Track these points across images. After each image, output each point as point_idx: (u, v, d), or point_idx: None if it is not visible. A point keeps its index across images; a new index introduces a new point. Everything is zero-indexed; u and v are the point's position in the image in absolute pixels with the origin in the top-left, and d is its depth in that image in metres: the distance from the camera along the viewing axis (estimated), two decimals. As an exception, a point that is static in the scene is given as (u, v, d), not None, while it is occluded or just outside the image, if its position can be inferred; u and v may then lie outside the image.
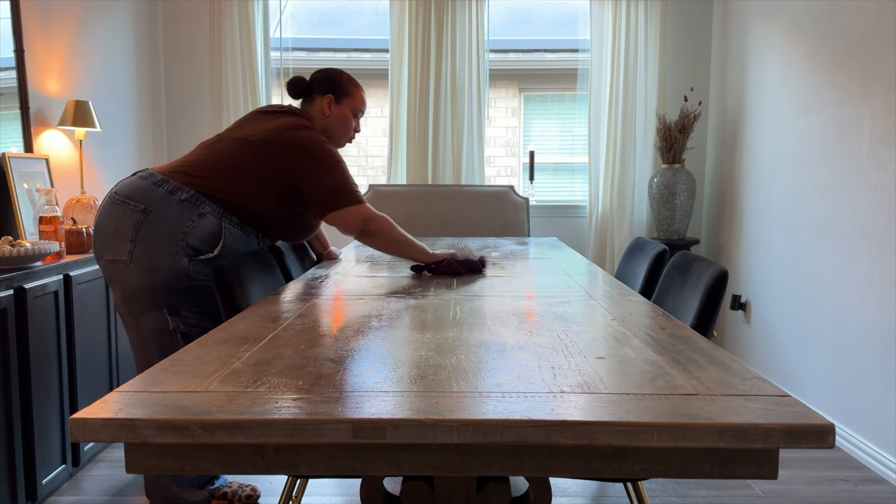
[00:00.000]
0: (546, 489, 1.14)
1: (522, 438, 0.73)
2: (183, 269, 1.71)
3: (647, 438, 0.73)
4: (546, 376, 0.92)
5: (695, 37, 3.90)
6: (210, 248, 1.74)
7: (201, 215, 1.73)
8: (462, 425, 0.74)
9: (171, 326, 1.75)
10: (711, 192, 3.91)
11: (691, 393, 0.84)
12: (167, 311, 1.74)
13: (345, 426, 0.73)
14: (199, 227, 1.72)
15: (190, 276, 1.73)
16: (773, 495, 2.18)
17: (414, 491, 1.02)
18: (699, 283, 1.57)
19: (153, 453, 0.77)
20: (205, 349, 1.05)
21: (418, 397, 0.82)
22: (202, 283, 1.75)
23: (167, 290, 1.72)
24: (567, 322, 1.28)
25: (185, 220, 1.72)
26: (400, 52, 3.78)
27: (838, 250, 2.62)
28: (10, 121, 2.50)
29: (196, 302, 1.75)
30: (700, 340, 1.13)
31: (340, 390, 0.85)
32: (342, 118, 2.01)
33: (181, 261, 1.71)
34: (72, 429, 0.73)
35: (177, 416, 0.74)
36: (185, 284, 1.73)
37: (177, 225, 1.71)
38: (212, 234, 1.74)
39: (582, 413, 0.77)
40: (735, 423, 0.73)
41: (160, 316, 1.74)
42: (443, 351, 1.05)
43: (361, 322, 1.27)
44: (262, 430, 0.73)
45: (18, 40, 2.53)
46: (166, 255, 1.70)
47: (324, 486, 2.25)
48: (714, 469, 0.77)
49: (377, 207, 3.68)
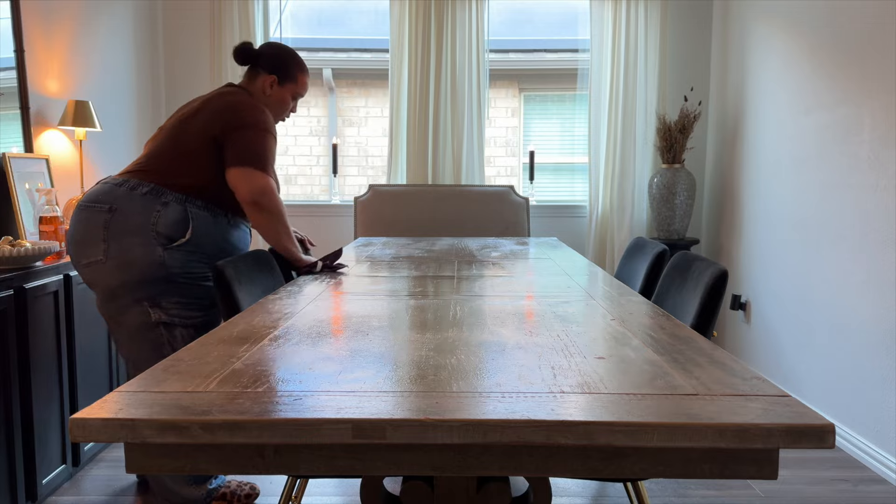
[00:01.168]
0: (546, 489, 1.14)
1: (522, 438, 0.73)
2: (158, 258, 1.74)
3: (648, 438, 0.73)
4: (546, 376, 0.92)
5: (695, 37, 3.90)
6: (181, 233, 1.77)
7: (165, 204, 1.76)
8: (462, 425, 0.74)
9: (153, 318, 1.77)
10: (711, 192, 3.91)
11: (691, 393, 0.84)
12: (148, 303, 1.76)
13: (345, 426, 0.73)
14: (165, 215, 1.76)
15: (166, 265, 1.75)
16: (772, 495, 2.18)
17: (414, 491, 1.02)
18: (699, 283, 1.57)
19: (153, 453, 0.77)
20: (205, 349, 1.05)
21: (418, 397, 0.82)
22: (179, 272, 1.77)
23: (145, 283, 1.74)
24: (567, 322, 1.28)
25: (150, 211, 1.75)
26: (400, 52, 3.78)
27: (838, 250, 2.62)
28: (10, 121, 2.50)
29: (176, 291, 1.78)
30: (700, 340, 1.13)
31: (341, 390, 0.85)
32: (281, 101, 2.05)
33: (156, 250, 1.74)
34: (72, 429, 0.73)
35: (177, 416, 0.74)
36: (161, 273, 1.75)
37: (144, 216, 1.74)
38: (179, 221, 1.77)
39: (582, 413, 0.77)
40: (735, 423, 0.73)
41: (141, 310, 1.76)
42: (443, 351, 1.05)
43: (361, 322, 1.27)
44: (262, 431, 0.73)
45: (18, 40, 2.52)
46: (139, 247, 1.73)
47: (324, 486, 2.25)
48: (714, 469, 0.77)
49: (377, 207, 3.67)
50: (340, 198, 4.13)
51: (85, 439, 0.72)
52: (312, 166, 4.27)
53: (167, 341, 1.80)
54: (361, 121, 4.25)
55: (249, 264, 1.72)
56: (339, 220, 3.97)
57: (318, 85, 4.21)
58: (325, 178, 4.28)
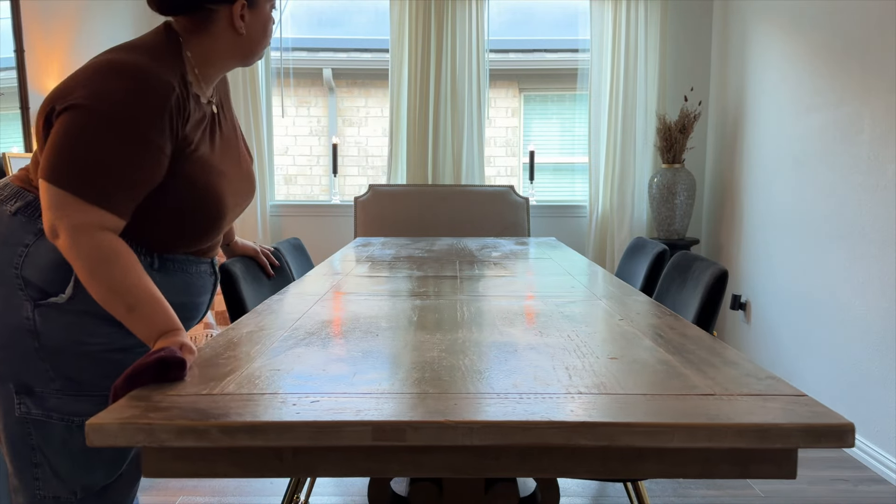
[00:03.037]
0: (554, 489, 1.14)
1: (543, 440, 0.73)
2: (25, 321, 1.09)
3: (668, 439, 0.73)
4: (561, 377, 0.92)
5: (695, 37, 3.90)
6: (58, 285, 1.09)
7: (39, 234, 1.10)
8: (482, 427, 0.73)
9: (18, 412, 1.12)
10: (711, 192, 3.92)
11: (708, 393, 0.84)
12: (13, 386, 1.12)
13: (365, 428, 0.73)
14: (36, 252, 1.09)
15: (38, 332, 1.09)
16: (773, 495, 2.19)
17: (422, 492, 1.02)
18: (699, 283, 1.57)
19: (170, 457, 0.77)
20: (215, 350, 1.04)
21: (435, 399, 0.82)
22: (64, 342, 1.10)
23: (6, 353, 1.11)
24: (575, 322, 1.28)
25: (16, 244, 1.10)
26: (400, 52, 3.77)
27: (838, 250, 2.62)
28: (10, 121, 2.49)
29: (57, 372, 1.11)
30: (710, 340, 1.13)
31: (357, 392, 0.84)
32: (263, 25, 1.24)
33: (21, 309, 1.09)
34: (88, 433, 0.73)
35: (196, 420, 0.73)
36: (32, 345, 1.09)
37: (5, 252, 1.10)
38: (56, 265, 1.09)
39: (601, 414, 0.76)
40: (755, 424, 0.73)
41: (4, 391, 1.13)
42: (455, 352, 1.05)
43: (370, 322, 1.26)
44: (281, 433, 0.73)
45: (18, 40, 2.51)
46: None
47: (324, 486, 2.25)
48: (733, 469, 0.77)
49: (377, 207, 3.66)
50: (340, 198, 4.12)
51: (102, 443, 0.72)
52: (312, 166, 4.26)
53: (37, 446, 1.13)
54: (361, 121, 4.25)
55: (256, 263, 1.71)
56: (339, 220, 3.96)
57: (319, 85, 4.20)
58: (325, 178, 4.28)
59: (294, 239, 2.34)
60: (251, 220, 3.82)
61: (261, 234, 3.85)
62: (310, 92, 4.18)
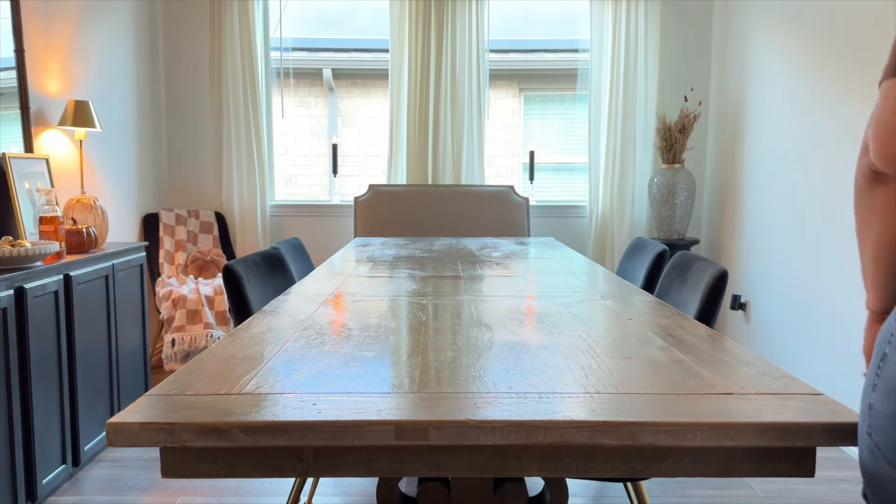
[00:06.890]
0: (563, 489, 1.14)
1: (566, 439, 0.73)
2: None
3: (691, 438, 0.73)
4: (578, 377, 0.92)
5: (695, 37, 3.91)
6: None
7: None
8: (505, 426, 0.73)
9: None
10: (711, 192, 3.93)
11: (727, 392, 0.84)
12: None
13: (387, 428, 0.73)
14: None
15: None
16: (773, 495, 2.19)
17: (431, 492, 1.02)
18: (699, 283, 1.57)
19: (190, 458, 0.76)
20: (228, 350, 1.04)
21: (455, 399, 0.81)
22: None
23: None
24: (584, 322, 1.28)
25: None
26: (400, 52, 3.77)
27: (838, 250, 2.63)
28: (10, 121, 2.47)
29: None
30: (722, 339, 1.13)
31: (376, 392, 0.84)
32: None
33: None
34: (109, 433, 0.72)
35: (217, 420, 0.73)
36: None
37: None
38: None
39: (623, 413, 0.76)
40: (777, 422, 0.73)
41: None
42: (469, 351, 1.05)
43: (379, 322, 1.26)
44: (304, 433, 0.72)
45: (18, 40, 2.50)
46: None
47: (324, 486, 2.24)
48: (753, 468, 0.77)
49: (377, 207, 3.65)
50: (340, 198, 4.11)
51: (123, 444, 0.71)
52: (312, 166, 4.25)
53: None
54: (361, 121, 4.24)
55: (260, 263, 1.71)
56: (339, 220, 3.95)
57: (319, 85, 4.20)
58: (325, 178, 4.27)
59: (294, 239, 2.34)
60: (251, 220, 3.81)
61: (261, 234, 3.84)
62: (310, 92, 4.17)
